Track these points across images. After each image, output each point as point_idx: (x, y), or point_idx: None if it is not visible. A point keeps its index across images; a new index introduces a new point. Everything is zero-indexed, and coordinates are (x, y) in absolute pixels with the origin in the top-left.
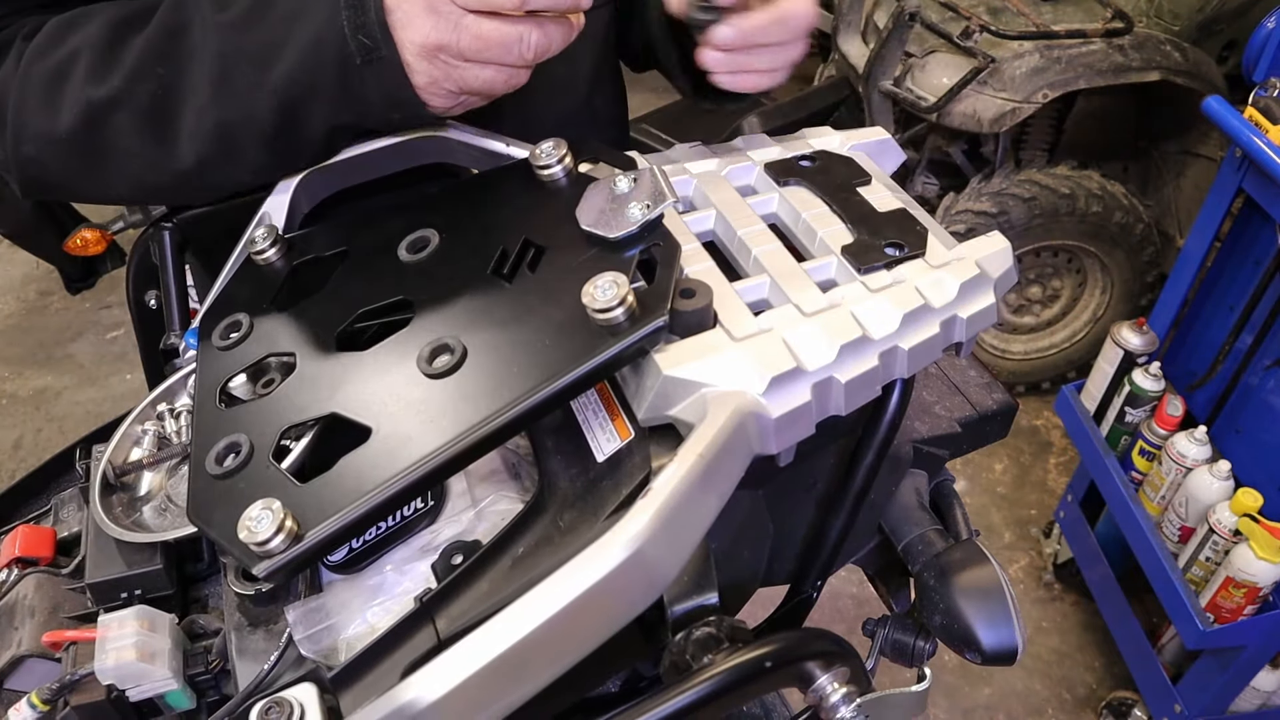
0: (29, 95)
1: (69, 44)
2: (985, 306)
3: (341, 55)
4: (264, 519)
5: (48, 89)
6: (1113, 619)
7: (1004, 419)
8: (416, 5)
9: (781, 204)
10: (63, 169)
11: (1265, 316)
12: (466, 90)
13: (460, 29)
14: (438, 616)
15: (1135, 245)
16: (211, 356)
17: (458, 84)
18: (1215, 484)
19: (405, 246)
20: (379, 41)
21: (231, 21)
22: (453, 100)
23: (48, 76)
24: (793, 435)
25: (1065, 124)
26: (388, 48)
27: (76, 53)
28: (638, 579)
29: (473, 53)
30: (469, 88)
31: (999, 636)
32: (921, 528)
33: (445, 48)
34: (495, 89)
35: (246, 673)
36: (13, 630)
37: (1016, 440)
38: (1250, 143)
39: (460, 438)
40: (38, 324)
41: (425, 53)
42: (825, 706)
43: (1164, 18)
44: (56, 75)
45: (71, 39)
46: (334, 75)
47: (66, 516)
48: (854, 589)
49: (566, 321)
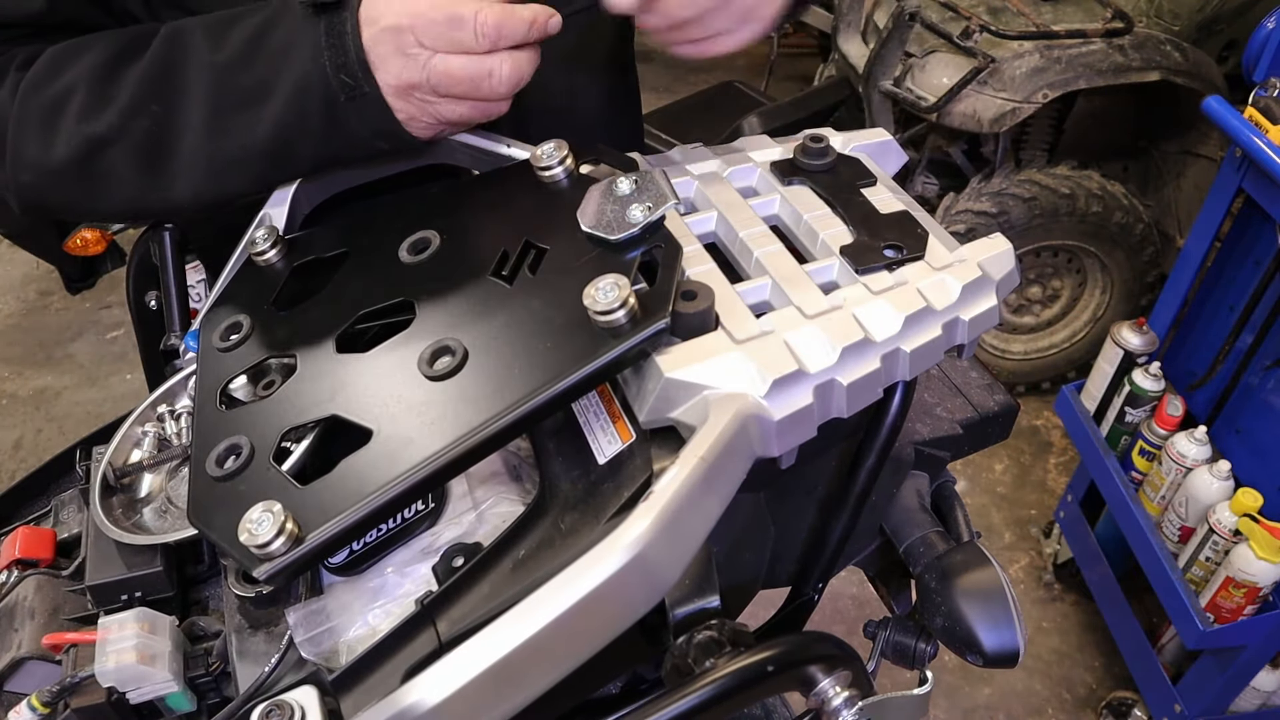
0: (25, 127)
1: (65, 78)
2: (987, 308)
3: (327, 94)
4: (265, 521)
5: (44, 122)
6: (1113, 619)
7: (1005, 420)
8: (388, 47)
9: (783, 205)
10: (60, 196)
11: (1265, 316)
12: (445, 123)
13: (429, 69)
14: (439, 619)
15: (1135, 245)
16: (212, 358)
17: (434, 118)
18: (1215, 484)
19: (406, 248)
20: (360, 80)
21: (225, 62)
22: (435, 130)
23: (44, 110)
24: (794, 438)
25: (1065, 124)
26: (369, 84)
27: (72, 87)
28: (639, 582)
29: (444, 89)
30: (446, 120)
31: (1000, 639)
32: (923, 529)
33: (417, 86)
34: (474, 121)
35: (247, 675)
36: (13, 632)
37: (1016, 440)
38: (1250, 143)
39: (461, 440)
40: (38, 324)
41: (399, 92)
42: (827, 710)
43: (1164, 18)
44: (53, 109)
45: (67, 72)
46: (320, 112)
47: (67, 518)
48: (855, 591)
49: (567, 323)
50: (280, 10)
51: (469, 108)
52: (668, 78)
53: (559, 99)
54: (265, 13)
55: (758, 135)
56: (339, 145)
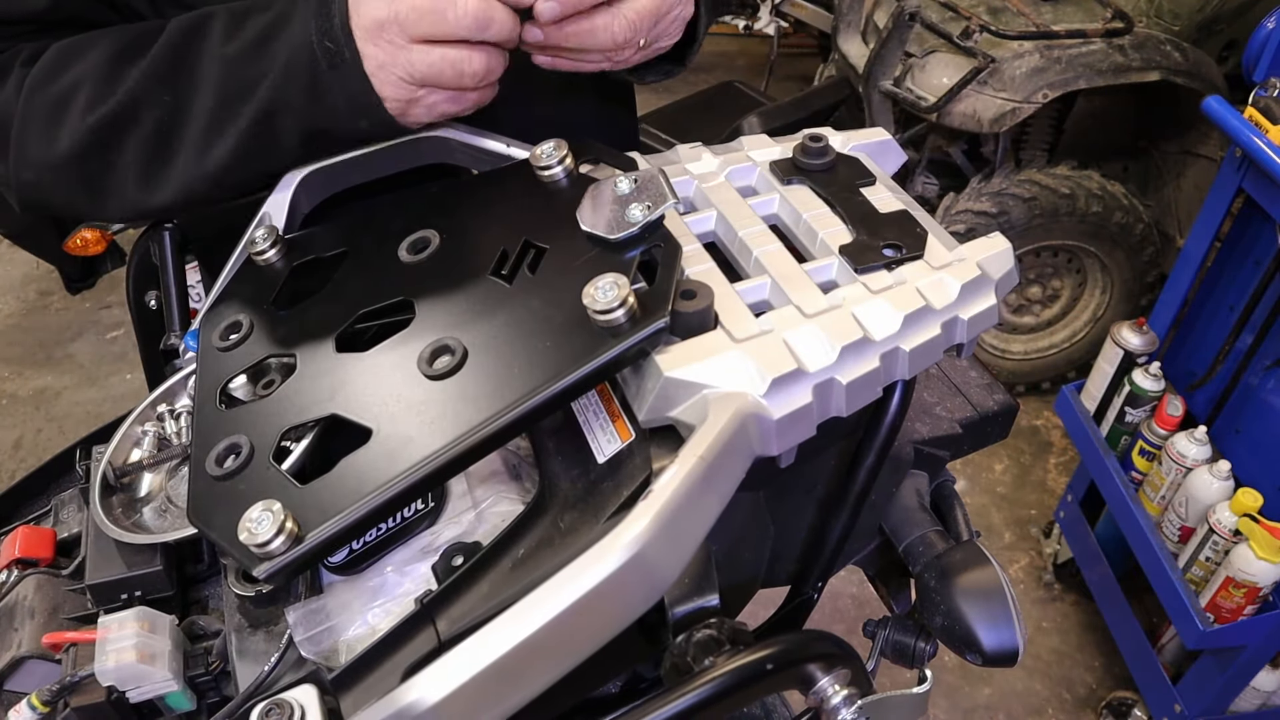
0: (30, 124)
1: (70, 74)
2: (986, 308)
3: (311, 62)
4: (264, 520)
5: (48, 118)
6: (1113, 619)
7: (1005, 420)
8: None
9: (782, 205)
10: (61, 194)
11: (1265, 316)
12: (419, 77)
13: (396, 4)
14: (438, 618)
15: (1135, 245)
16: (212, 357)
17: (406, 68)
18: (1215, 484)
19: (406, 247)
20: (340, 44)
21: (235, 55)
22: (406, 92)
23: (49, 106)
24: (794, 437)
25: (1065, 124)
26: (349, 49)
27: (78, 84)
28: (639, 581)
29: (412, 24)
30: (418, 73)
31: (1000, 638)
32: (922, 529)
33: (386, 24)
34: (444, 77)
35: (247, 674)
36: (13, 631)
37: (1016, 440)
38: (1250, 143)
39: (461, 439)
40: (38, 324)
41: (371, 34)
42: (826, 709)
43: (1164, 18)
44: (57, 105)
45: (73, 69)
46: (304, 82)
47: (67, 517)
48: (854, 590)
49: (567, 323)
50: (292, 3)
51: (439, 54)
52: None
53: (552, 94)
54: (278, 6)
55: (758, 135)
56: (320, 120)
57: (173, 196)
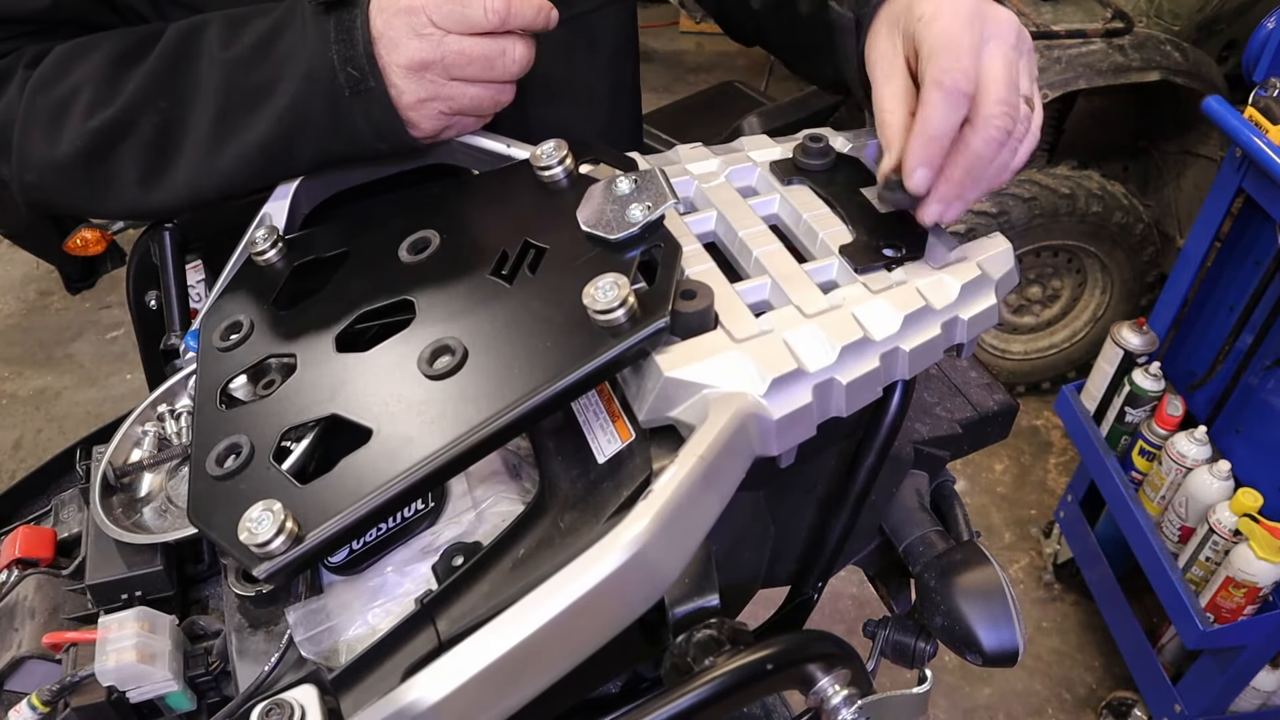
0: (32, 126)
1: (72, 77)
2: (986, 308)
3: (332, 88)
4: (264, 520)
5: (51, 120)
6: (1113, 619)
7: (1005, 420)
8: (401, 30)
9: (783, 205)
10: (64, 194)
11: (1265, 316)
12: (456, 109)
13: (443, 47)
14: (438, 618)
15: (1135, 245)
16: (212, 357)
17: (446, 102)
18: (1215, 484)
19: (406, 247)
20: (366, 73)
21: (236, 60)
22: (442, 123)
23: (51, 108)
24: (794, 437)
25: (1065, 124)
26: (375, 78)
27: (79, 86)
28: (639, 581)
29: (458, 69)
30: (458, 106)
31: (1000, 638)
32: (922, 529)
33: (430, 65)
34: (483, 106)
35: (247, 674)
36: (13, 631)
37: (1016, 440)
38: (1250, 143)
39: (461, 439)
40: (38, 324)
41: (412, 72)
42: (826, 709)
43: (1164, 18)
44: (59, 107)
45: (75, 71)
46: (324, 107)
47: (67, 517)
48: (854, 590)
49: (567, 322)
50: (292, 10)
51: (481, 89)
52: (668, 78)
53: (561, 92)
54: (278, 13)
55: (758, 135)
56: (340, 143)
57: (176, 199)
